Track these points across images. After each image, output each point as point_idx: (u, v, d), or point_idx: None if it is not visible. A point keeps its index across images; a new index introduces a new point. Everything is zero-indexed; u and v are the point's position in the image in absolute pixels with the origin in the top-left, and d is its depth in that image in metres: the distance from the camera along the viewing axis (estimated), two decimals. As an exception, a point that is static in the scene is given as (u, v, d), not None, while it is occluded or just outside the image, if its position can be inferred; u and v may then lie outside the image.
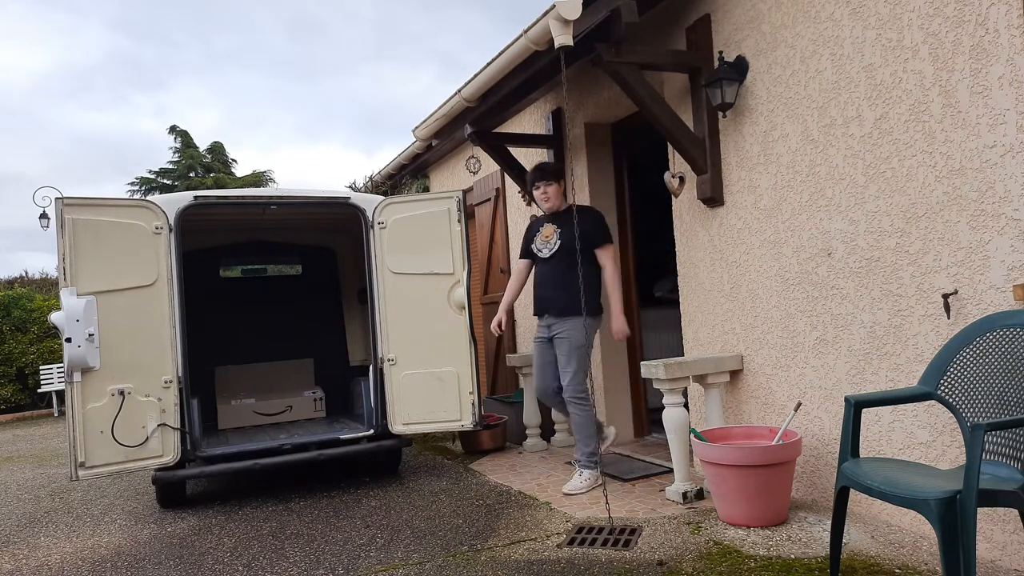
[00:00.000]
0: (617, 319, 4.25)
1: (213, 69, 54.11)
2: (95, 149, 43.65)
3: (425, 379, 4.75)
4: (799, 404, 3.50)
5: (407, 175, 9.14)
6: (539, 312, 4.41)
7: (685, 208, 4.42)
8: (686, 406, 3.87)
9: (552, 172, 4.38)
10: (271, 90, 53.88)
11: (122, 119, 43.99)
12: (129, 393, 4.16)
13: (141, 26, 51.23)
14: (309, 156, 51.15)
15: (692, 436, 3.59)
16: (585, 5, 3.60)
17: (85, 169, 42.80)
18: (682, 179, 4.34)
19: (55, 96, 47.02)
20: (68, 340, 3.96)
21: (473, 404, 4.76)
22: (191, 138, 24.41)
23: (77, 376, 4.03)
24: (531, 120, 6.16)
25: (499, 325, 4.54)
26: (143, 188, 23.66)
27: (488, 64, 4.34)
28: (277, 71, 57.83)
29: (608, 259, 4.29)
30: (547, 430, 5.72)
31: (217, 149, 24.79)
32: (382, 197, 4.89)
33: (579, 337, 4.18)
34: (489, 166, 6.90)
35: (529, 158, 6.06)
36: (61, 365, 12.02)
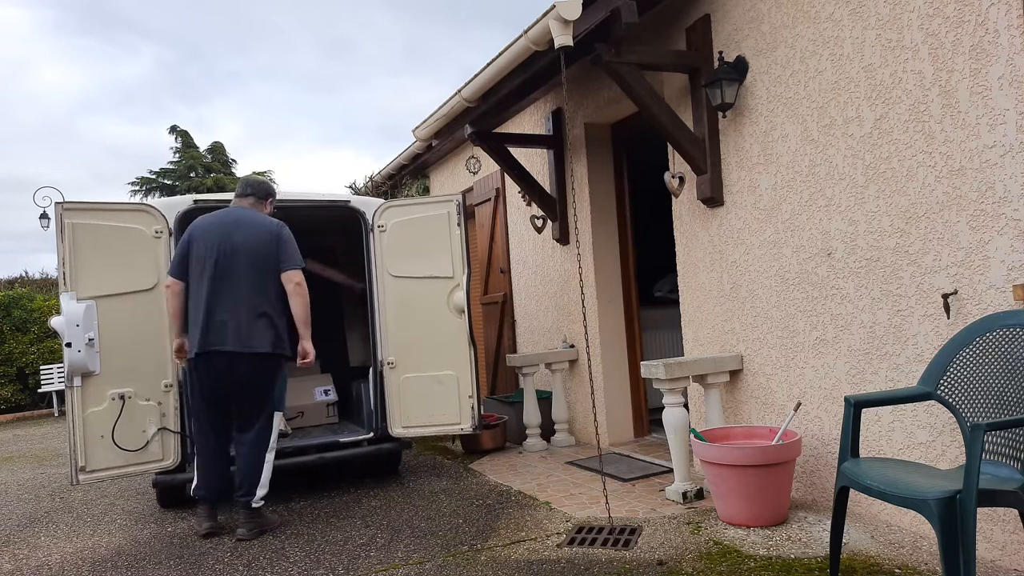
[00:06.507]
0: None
1: (233, 85, 54.07)
2: (120, 159, 43.95)
3: (425, 382, 4.74)
4: (799, 404, 3.50)
5: (407, 175, 9.14)
6: None
7: (685, 208, 4.42)
8: (686, 406, 3.87)
9: None
10: (286, 103, 54.04)
11: (150, 131, 44.11)
12: (129, 397, 4.15)
13: (183, 42, 51.20)
14: (311, 158, 51.29)
15: (692, 436, 3.60)
16: (585, 5, 3.61)
17: (116, 179, 43.24)
18: (682, 179, 4.34)
19: (93, 110, 47.20)
20: (68, 345, 3.96)
21: (473, 407, 4.75)
22: (191, 138, 24.45)
23: (77, 380, 4.03)
24: (531, 120, 6.16)
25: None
26: (143, 188, 23.68)
27: (488, 64, 4.34)
28: (294, 84, 57.95)
29: None
30: (547, 430, 5.73)
31: (217, 149, 24.82)
32: (382, 200, 4.89)
33: None
34: (489, 166, 6.90)
35: (529, 158, 6.06)
36: (61, 365, 12.01)
